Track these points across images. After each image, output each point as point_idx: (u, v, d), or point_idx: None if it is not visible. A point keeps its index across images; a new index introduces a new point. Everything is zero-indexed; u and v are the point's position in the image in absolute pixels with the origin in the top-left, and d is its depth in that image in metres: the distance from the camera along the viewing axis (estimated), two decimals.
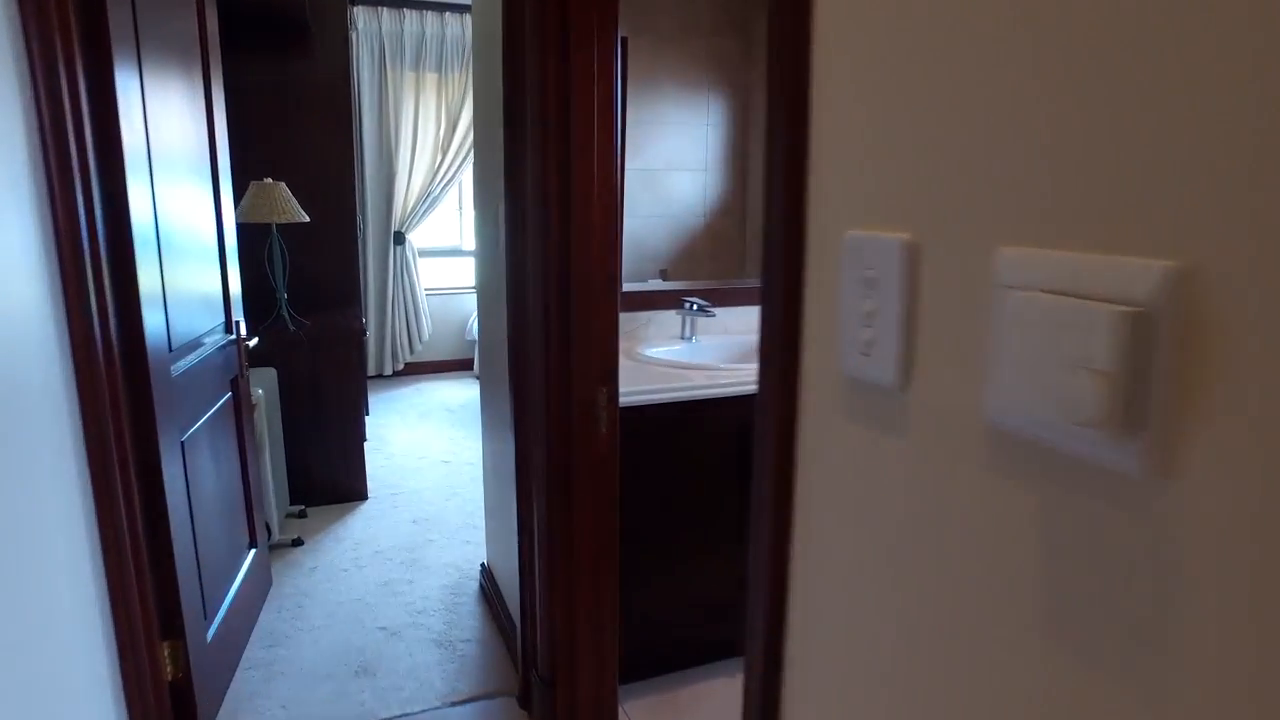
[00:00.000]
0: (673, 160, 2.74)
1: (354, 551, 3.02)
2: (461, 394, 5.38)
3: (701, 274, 2.77)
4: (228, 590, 2.22)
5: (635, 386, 2.02)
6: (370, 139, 5.30)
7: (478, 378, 4.50)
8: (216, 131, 2.24)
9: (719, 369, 2.23)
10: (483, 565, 2.82)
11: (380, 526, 3.26)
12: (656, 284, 2.73)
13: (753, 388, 2.28)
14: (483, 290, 2.55)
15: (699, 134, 2.82)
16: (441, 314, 5.94)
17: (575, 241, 1.73)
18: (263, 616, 2.52)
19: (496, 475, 2.51)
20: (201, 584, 1.96)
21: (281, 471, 3.16)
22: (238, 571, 2.34)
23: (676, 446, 2.13)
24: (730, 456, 2.21)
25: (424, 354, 5.88)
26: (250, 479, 2.47)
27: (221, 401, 2.25)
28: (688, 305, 2.57)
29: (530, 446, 2.00)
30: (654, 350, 2.43)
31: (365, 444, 4.17)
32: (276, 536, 2.96)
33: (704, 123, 2.88)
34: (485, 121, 2.37)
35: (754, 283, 2.85)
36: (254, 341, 2.42)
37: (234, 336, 2.34)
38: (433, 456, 4.15)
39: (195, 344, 2.05)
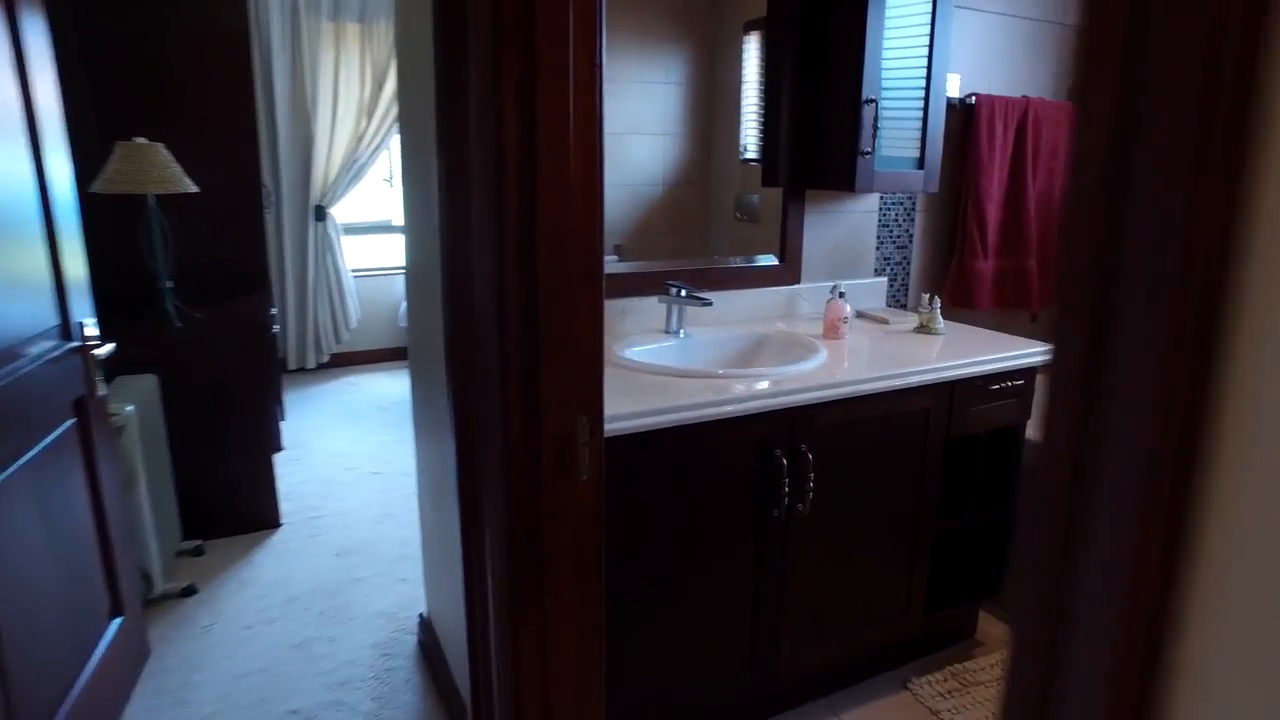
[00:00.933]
0: (631, 123, 2.27)
1: (261, 600, 2.45)
2: (396, 388, 4.78)
3: (661, 250, 2.29)
4: (70, 686, 1.65)
5: (622, 408, 1.50)
6: (283, 100, 4.60)
7: None
8: (32, 76, 1.63)
9: (729, 377, 1.73)
10: (421, 617, 2.29)
11: (296, 563, 2.68)
12: (637, 265, 2.21)
13: (776, 402, 1.77)
14: (413, 273, 1.99)
15: (659, 94, 2.35)
16: (372, 297, 5.31)
17: (544, 210, 1.19)
18: (132, 706, 1.94)
19: (434, 498, 1.97)
20: (7, 695, 1.39)
21: (169, 502, 2.56)
22: (89, 655, 1.76)
23: (676, 482, 1.63)
24: (745, 488, 1.71)
25: (353, 343, 5.24)
26: (111, 524, 1.88)
27: (58, 433, 1.66)
28: (674, 291, 2.06)
29: (481, 497, 1.47)
30: (636, 351, 1.91)
31: (281, 456, 3.57)
32: (160, 587, 2.36)
33: (665, 81, 2.38)
34: (413, 42, 1.80)
35: (739, 262, 2.35)
36: (106, 349, 1.82)
37: (74, 343, 1.74)
38: (362, 467, 3.57)
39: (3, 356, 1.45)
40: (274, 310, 3.56)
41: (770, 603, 1.82)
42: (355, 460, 3.65)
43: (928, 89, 2.23)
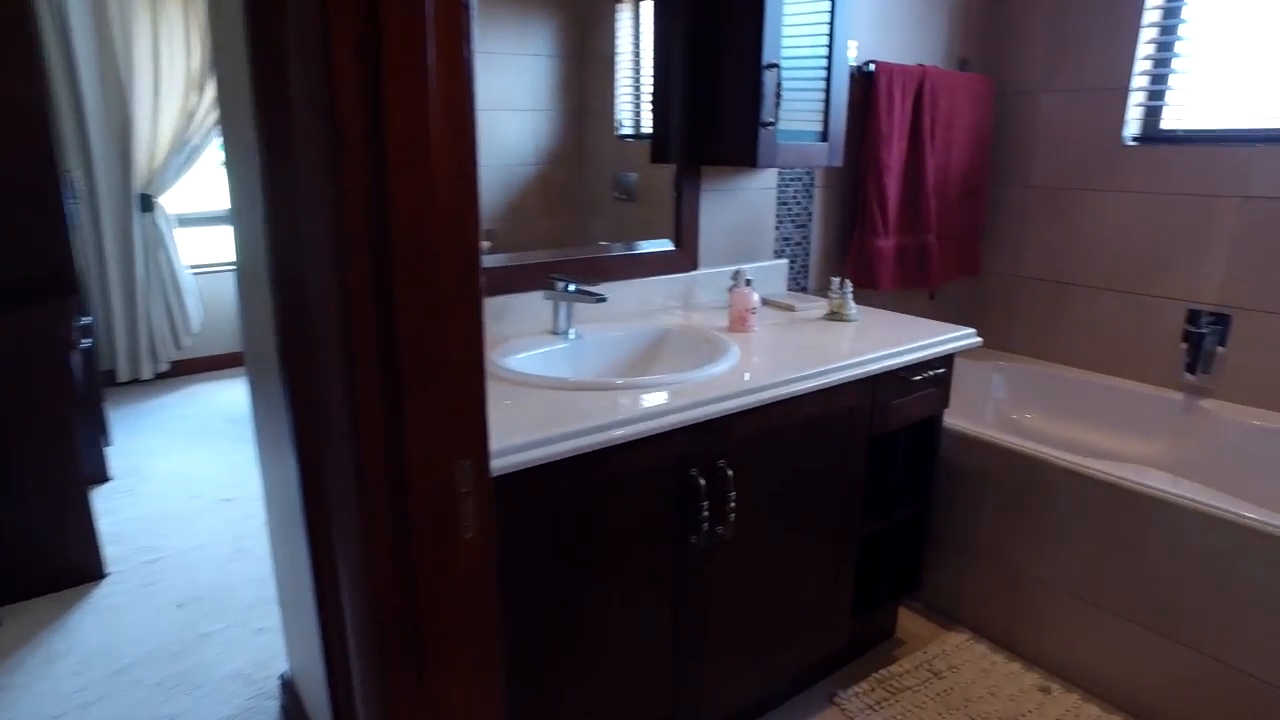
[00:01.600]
0: (499, 98, 1.99)
1: (77, 678, 2.02)
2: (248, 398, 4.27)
3: (536, 234, 2.03)
4: None
5: (507, 437, 1.23)
6: (89, 72, 3.96)
7: None
8: None
9: (632, 388, 1.48)
10: (283, 678, 1.94)
11: (126, 623, 2.26)
12: (516, 256, 1.92)
13: (690, 416, 1.42)
14: (243, 272, 1.63)
15: (529, 67, 2.07)
16: (217, 296, 4.73)
17: (399, 195, 0.90)
18: None
19: (285, 530, 1.63)
20: None
21: None
22: None
23: (578, 518, 1.37)
24: (659, 515, 1.48)
25: (196, 348, 4.66)
26: None
27: None
28: (560, 286, 1.79)
29: (337, 565, 1.17)
30: (521, 359, 1.64)
31: (106, 489, 3.07)
32: None
33: (535, 53, 2.10)
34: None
35: (630, 249, 2.11)
36: None
37: None
38: (211, 493, 3.12)
39: None
40: (88, 319, 3.03)
41: (692, 638, 1.61)
42: (202, 485, 3.18)
43: (830, 55, 2.05)
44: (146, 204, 4.25)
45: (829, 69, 2.06)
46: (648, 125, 2.10)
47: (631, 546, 1.46)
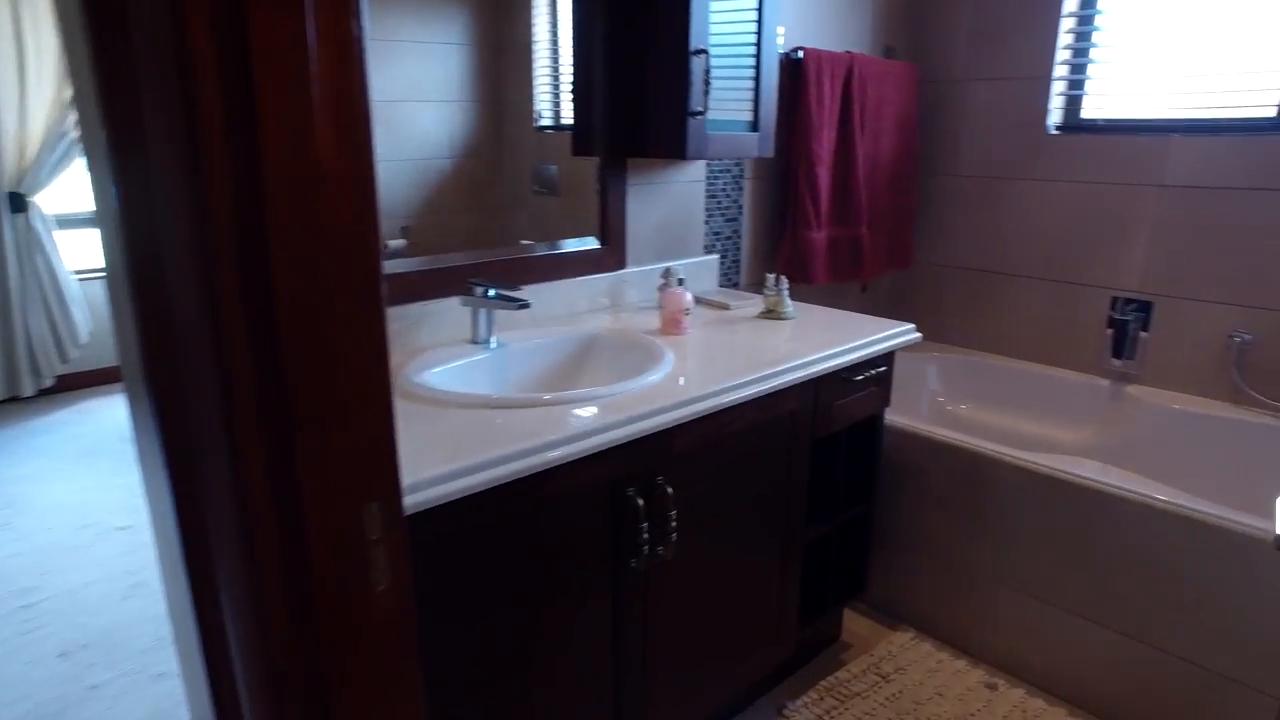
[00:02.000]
0: (411, 89, 1.84)
1: None
2: None
3: (455, 231, 1.88)
4: None
5: (425, 468, 1.10)
6: None
7: None
8: None
9: (561, 403, 1.35)
10: None
11: None
12: (431, 260, 1.76)
13: (626, 433, 1.24)
14: (111, 276, 1.43)
15: (441, 56, 1.92)
16: (105, 304, 4.36)
17: (275, 196, 0.76)
18: None
19: (172, 573, 1.45)
20: None
21: None
22: None
23: (507, 552, 1.25)
24: (595, 541, 1.37)
25: (85, 360, 4.30)
26: None
27: None
28: (479, 291, 1.65)
29: (225, 627, 1.01)
30: (438, 373, 1.49)
31: None
32: None
33: (447, 41, 1.95)
34: None
35: (553, 248, 1.98)
36: None
37: None
38: (104, 521, 2.85)
39: None
40: None
41: (634, 665, 1.50)
42: (93, 513, 2.91)
43: (759, 41, 1.96)
44: (18, 204, 3.88)
45: (758, 55, 1.97)
46: (569, 116, 1.97)
47: (567, 575, 1.34)
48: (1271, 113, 2.17)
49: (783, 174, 2.43)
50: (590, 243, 2.02)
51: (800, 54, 2.27)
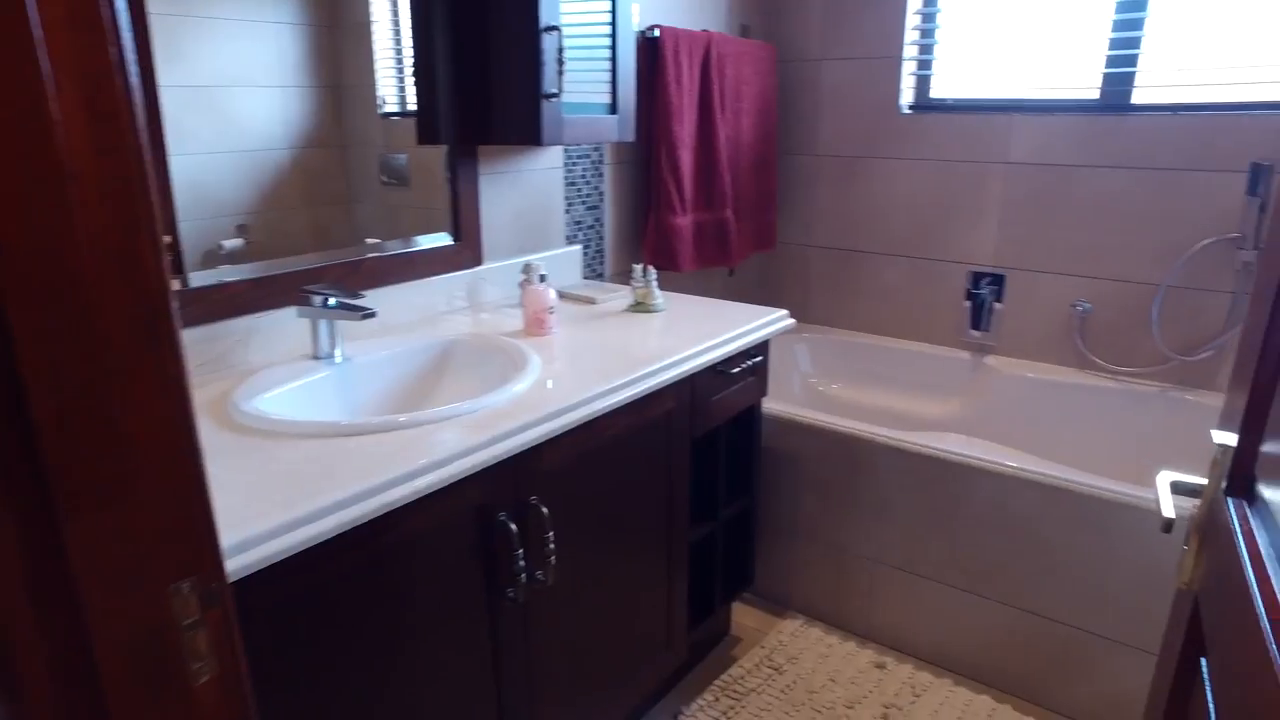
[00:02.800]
0: (238, 74, 1.61)
1: None
2: None
3: (298, 227, 1.68)
4: None
5: (259, 521, 0.92)
6: None
7: None
8: None
9: (418, 424, 1.20)
10: None
11: None
12: (261, 266, 1.54)
13: (492, 453, 1.07)
14: None
15: (272, 36, 1.70)
16: None
17: None
18: None
19: None
20: None
21: None
22: None
23: (363, 601, 1.09)
24: (466, 574, 1.23)
25: None
26: None
27: None
28: (317, 300, 1.46)
29: None
30: (273, 398, 1.30)
31: None
32: None
33: (278, 20, 1.73)
34: None
35: (402, 245, 1.80)
36: None
37: None
38: None
39: None
40: None
41: (521, 705, 1.38)
42: None
43: (614, 17, 1.85)
44: None
45: (614, 33, 1.86)
46: (414, 101, 1.79)
47: (439, 617, 1.20)
48: (1096, 95, 2.28)
49: (644, 158, 2.34)
50: (443, 239, 1.86)
51: (657, 32, 2.18)
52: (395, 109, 1.80)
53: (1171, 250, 2.18)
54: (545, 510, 1.30)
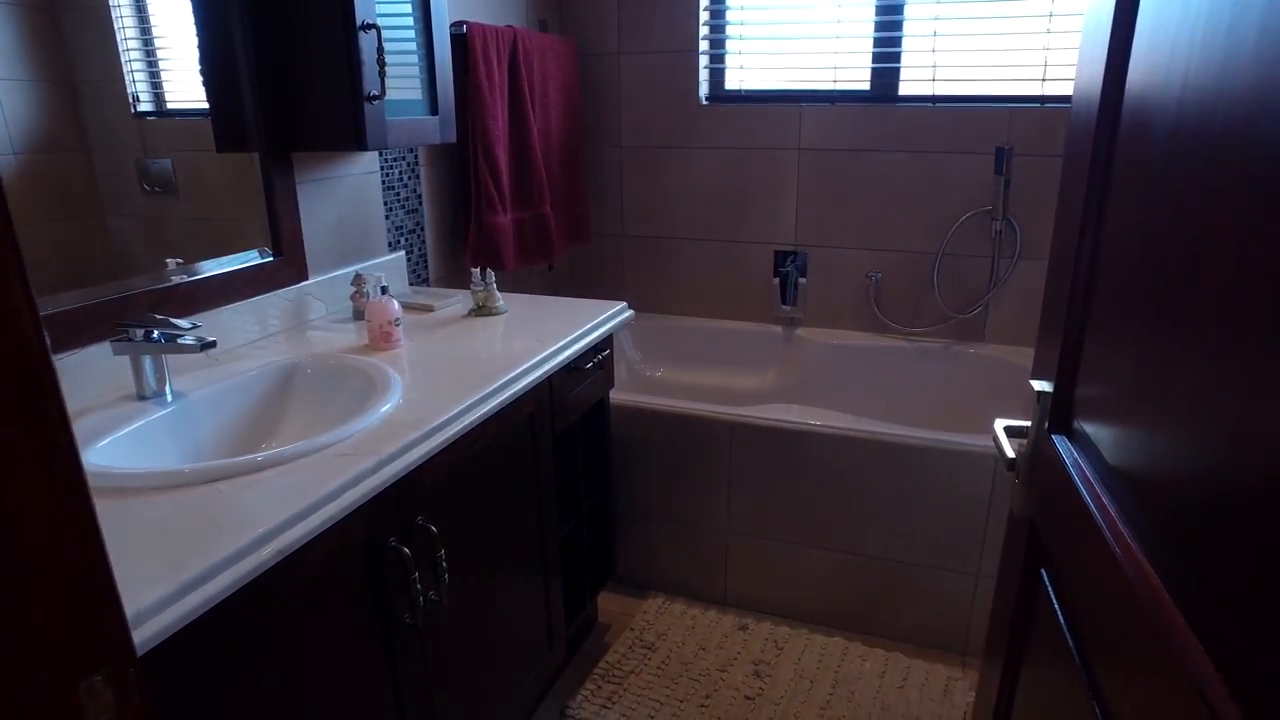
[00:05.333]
0: None
1: None
2: None
3: (40, 246, 1.46)
4: None
5: (138, 593, 0.82)
6: None
7: None
8: None
9: (291, 459, 1.11)
10: None
11: None
12: (61, 300, 1.34)
13: (375, 482, 1.09)
14: None
15: None
16: None
17: None
18: None
19: None
20: None
21: None
22: None
23: (255, 660, 1.00)
24: (358, 608, 1.16)
25: None
26: None
27: None
28: (138, 334, 1.30)
29: None
30: (106, 450, 1.15)
31: None
32: None
33: None
34: None
35: (213, 268, 1.64)
36: None
37: None
38: None
39: None
40: None
41: None
42: None
43: (427, 13, 1.78)
44: None
45: (428, 29, 1.80)
46: (178, 99, 1.60)
47: (338, 653, 1.12)
48: (867, 86, 2.55)
49: (459, 158, 2.28)
50: (261, 255, 1.71)
51: (464, 28, 2.13)
52: (151, 107, 1.60)
53: (942, 223, 2.50)
54: (434, 529, 1.26)
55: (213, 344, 1.28)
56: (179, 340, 1.30)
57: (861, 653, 2.03)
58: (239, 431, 1.39)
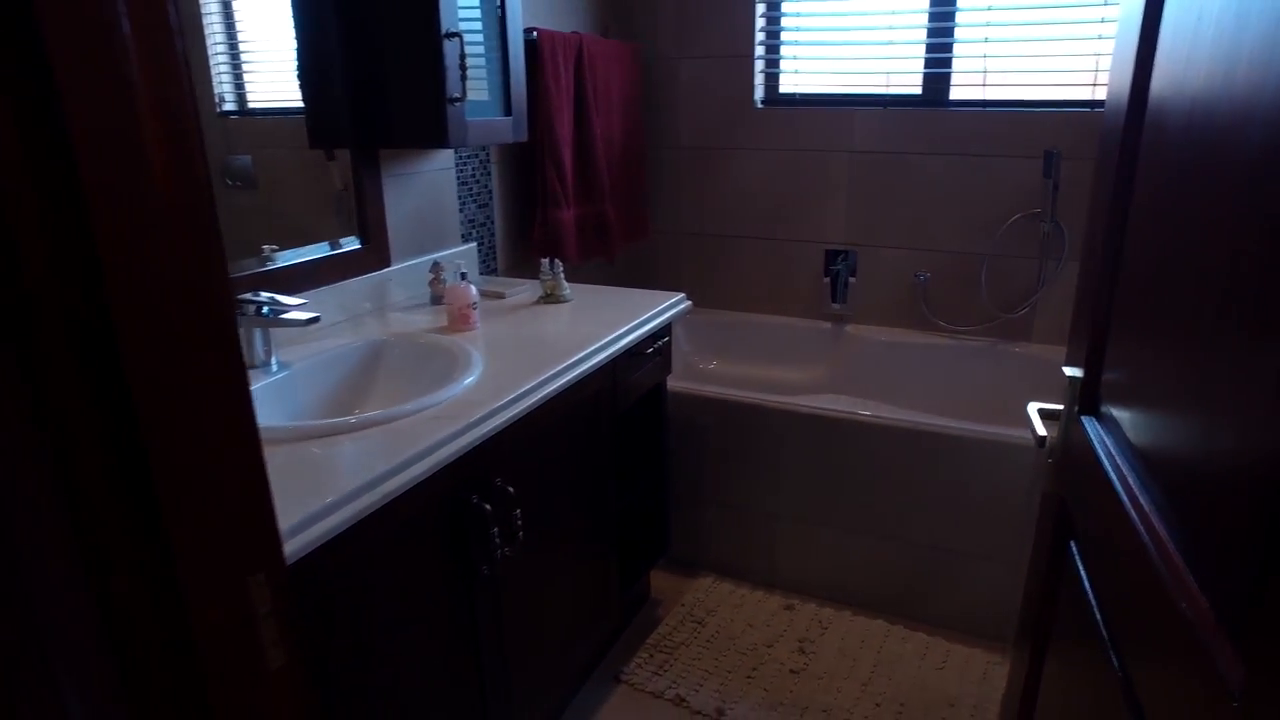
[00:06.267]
0: None
1: None
2: None
3: None
4: None
5: (284, 519, 0.97)
6: None
7: None
8: None
9: (376, 424, 1.25)
10: None
11: None
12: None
13: (464, 443, 1.23)
14: None
15: None
16: None
17: (109, 234, 0.62)
18: None
19: None
20: None
21: None
22: None
23: (351, 598, 1.15)
24: (440, 559, 1.30)
25: None
26: None
27: None
28: (251, 309, 1.46)
29: None
30: None
31: None
32: None
33: None
34: None
35: (311, 253, 1.79)
36: None
37: None
38: None
39: None
40: None
41: (498, 678, 1.46)
42: None
43: (504, 21, 1.92)
44: None
45: (504, 36, 1.94)
46: (259, 100, 1.75)
47: (424, 595, 1.26)
48: (918, 90, 2.62)
49: (528, 156, 2.43)
50: (351, 243, 1.87)
51: (535, 35, 2.27)
52: (234, 107, 1.75)
53: (990, 224, 2.56)
54: (511, 490, 1.39)
55: (317, 319, 1.44)
56: (286, 316, 1.45)
57: (903, 635, 2.11)
58: (337, 397, 1.55)
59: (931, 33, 2.55)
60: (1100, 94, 2.40)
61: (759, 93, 2.80)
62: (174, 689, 0.73)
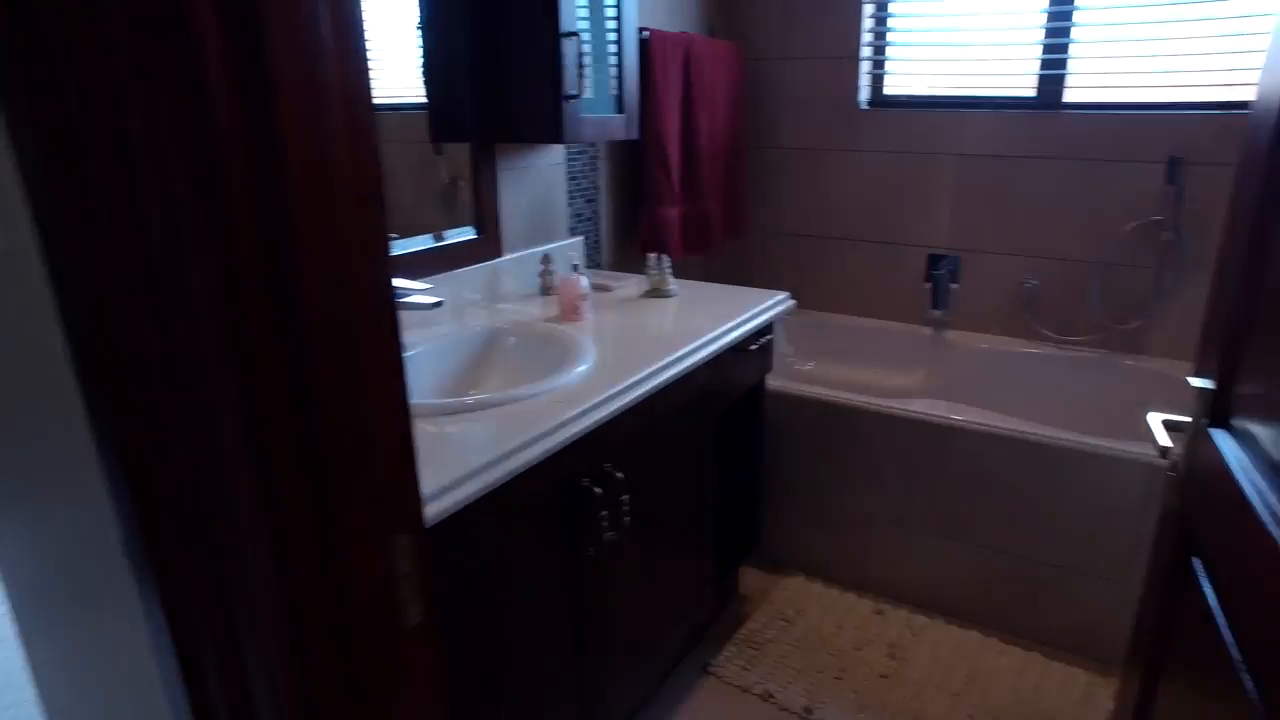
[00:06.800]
0: None
1: None
2: None
3: None
4: None
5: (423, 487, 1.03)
6: None
7: None
8: None
9: (497, 404, 1.32)
10: None
11: None
12: None
13: (580, 427, 1.29)
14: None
15: None
16: None
17: (302, 204, 0.68)
18: None
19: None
20: None
21: None
22: None
23: (482, 563, 1.21)
24: (554, 538, 1.36)
25: None
26: None
27: None
28: None
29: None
30: None
31: None
32: None
33: None
34: None
35: (430, 241, 1.87)
36: None
37: None
38: None
39: None
40: None
41: (596, 656, 1.51)
42: None
43: (620, 21, 1.98)
44: None
45: (619, 36, 1.99)
46: (376, 96, 1.82)
47: (537, 574, 1.32)
48: (1032, 93, 2.55)
49: (635, 153, 2.48)
50: (467, 233, 1.95)
51: (646, 34, 2.32)
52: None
53: (1104, 232, 2.47)
54: (620, 476, 1.44)
55: (441, 303, 1.52)
56: (411, 299, 1.54)
57: (999, 649, 2.07)
58: (455, 378, 1.62)
59: (1049, 32, 2.48)
60: (1233, 95, 2.29)
61: (864, 94, 2.78)
62: (328, 641, 0.80)
